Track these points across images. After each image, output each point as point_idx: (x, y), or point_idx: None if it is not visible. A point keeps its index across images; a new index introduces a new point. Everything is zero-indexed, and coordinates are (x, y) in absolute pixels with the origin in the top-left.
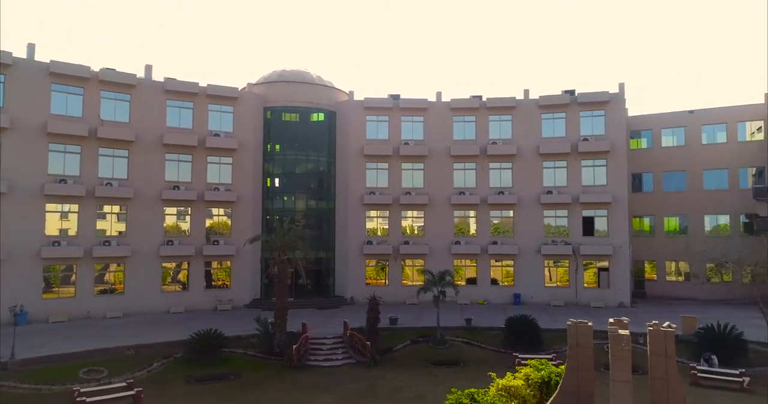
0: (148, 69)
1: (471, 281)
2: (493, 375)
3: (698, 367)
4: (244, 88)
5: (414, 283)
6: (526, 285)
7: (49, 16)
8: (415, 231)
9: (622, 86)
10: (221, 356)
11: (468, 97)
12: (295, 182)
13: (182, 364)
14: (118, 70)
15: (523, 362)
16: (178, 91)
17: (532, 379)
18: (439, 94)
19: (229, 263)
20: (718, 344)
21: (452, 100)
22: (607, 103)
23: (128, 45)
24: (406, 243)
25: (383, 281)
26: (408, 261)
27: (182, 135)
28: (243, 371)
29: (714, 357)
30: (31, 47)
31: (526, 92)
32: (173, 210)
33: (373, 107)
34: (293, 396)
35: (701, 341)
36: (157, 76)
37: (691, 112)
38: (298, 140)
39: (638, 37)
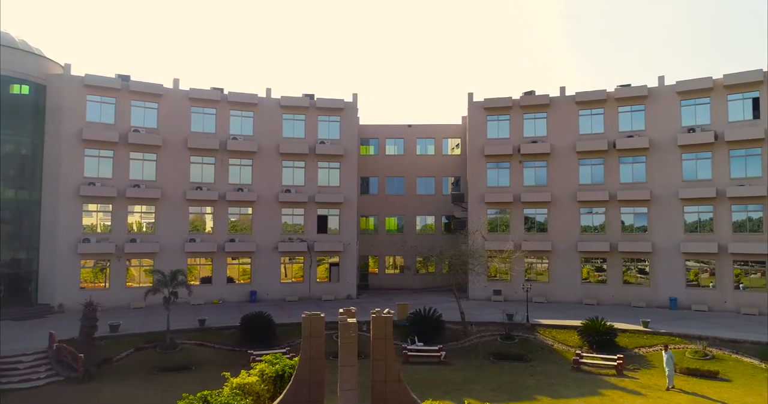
0: None
1: (206, 280)
2: (227, 374)
3: (408, 347)
4: None
5: (141, 285)
6: (263, 282)
7: None
8: (144, 228)
9: (355, 96)
10: None
11: (209, 88)
12: None
13: None
14: None
15: (258, 358)
16: None
17: (266, 374)
18: (176, 81)
19: None
20: (423, 326)
21: (191, 89)
22: (343, 110)
23: None
24: (133, 240)
25: (103, 284)
26: (134, 261)
27: None
28: None
29: (416, 338)
30: None
31: (269, 91)
32: None
33: (95, 86)
34: None
35: (411, 324)
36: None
37: (410, 126)
38: None
39: (373, 50)
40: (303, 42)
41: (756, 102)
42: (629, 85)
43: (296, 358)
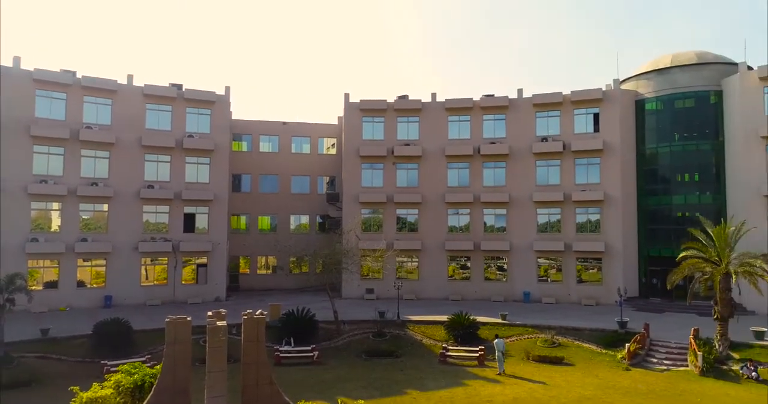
0: None
1: (51, 284)
2: (76, 388)
3: (281, 348)
4: None
5: None
6: (120, 286)
7: None
8: None
9: (228, 89)
10: None
11: (58, 70)
12: None
13: None
14: None
15: (113, 369)
16: None
17: (123, 385)
18: (17, 59)
19: None
20: (297, 326)
21: (36, 69)
22: (214, 103)
23: None
24: None
25: None
26: None
27: None
28: None
29: (292, 339)
30: None
31: (130, 78)
32: None
33: None
34: None
35: (284, 325)
36: None
37: (285, 123)
38: None
39: (249, 45)
40: (177, 32)
41: (596, 117)
42: (493, 95)
43: (158, 366)
